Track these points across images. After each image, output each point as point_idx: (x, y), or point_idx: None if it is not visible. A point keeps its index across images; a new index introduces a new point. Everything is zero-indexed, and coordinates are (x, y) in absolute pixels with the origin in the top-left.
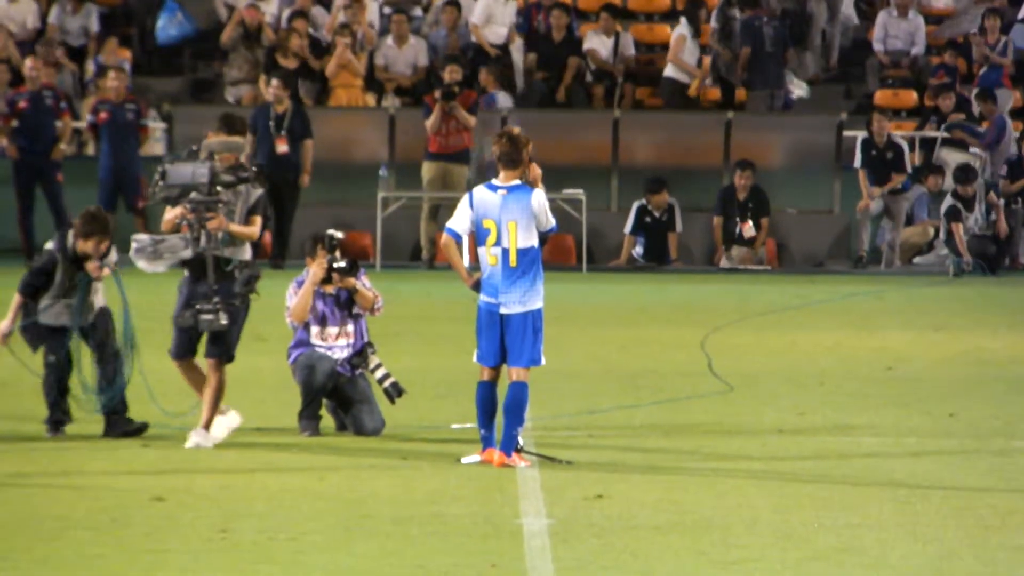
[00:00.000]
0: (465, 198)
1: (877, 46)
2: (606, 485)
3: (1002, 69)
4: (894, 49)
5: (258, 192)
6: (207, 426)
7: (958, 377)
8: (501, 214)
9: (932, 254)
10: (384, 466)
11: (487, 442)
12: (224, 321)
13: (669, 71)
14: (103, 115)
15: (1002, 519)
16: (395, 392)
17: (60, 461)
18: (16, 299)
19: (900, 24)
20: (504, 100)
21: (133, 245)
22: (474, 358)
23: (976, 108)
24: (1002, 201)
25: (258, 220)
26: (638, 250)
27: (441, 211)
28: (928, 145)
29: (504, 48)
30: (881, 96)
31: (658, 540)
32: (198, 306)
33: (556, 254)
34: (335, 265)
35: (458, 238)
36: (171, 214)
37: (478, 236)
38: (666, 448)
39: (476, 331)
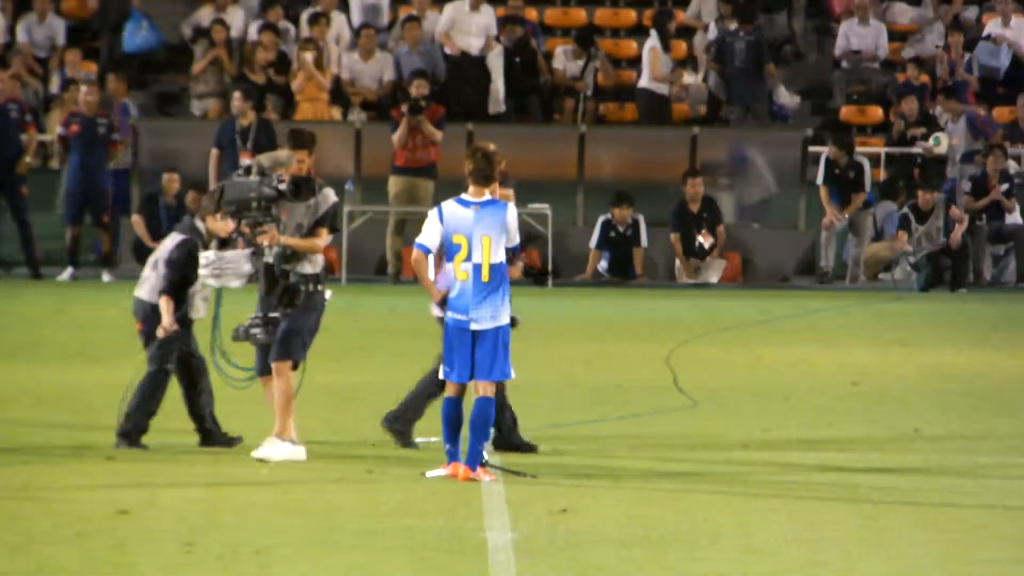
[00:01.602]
0: (434, 213)
1: (840, 53)
2: (571, 499)
3: (967, 86)
4: (858, 57)
5: (328, 204)
6: (280, 434)
7: (923, 392)
8: (474, 229)
9: (898, 269)
10: (350, 479)
11: (452, 456)
12: (262, 336)
13: (644, 83)
14: (74, 127)
15: (967, 533)
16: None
17: (22, 475)
18: (167, 302)
19: (862, 31)
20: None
21: (201, 261)
22: (439, 375)
23: (942, 115)
24: (966, 217)
25: (323, 232)
26: (603, 264)
27: (407, 225)
28: (895, 161)
29: (480, 59)
30: (847, 112)
31: (623, 554)
32: (249, 320)
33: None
34: None
35: (428, 252)
36: (219, 224)
37: (448, 251)
38: (631, 463)
39: (445, 348)
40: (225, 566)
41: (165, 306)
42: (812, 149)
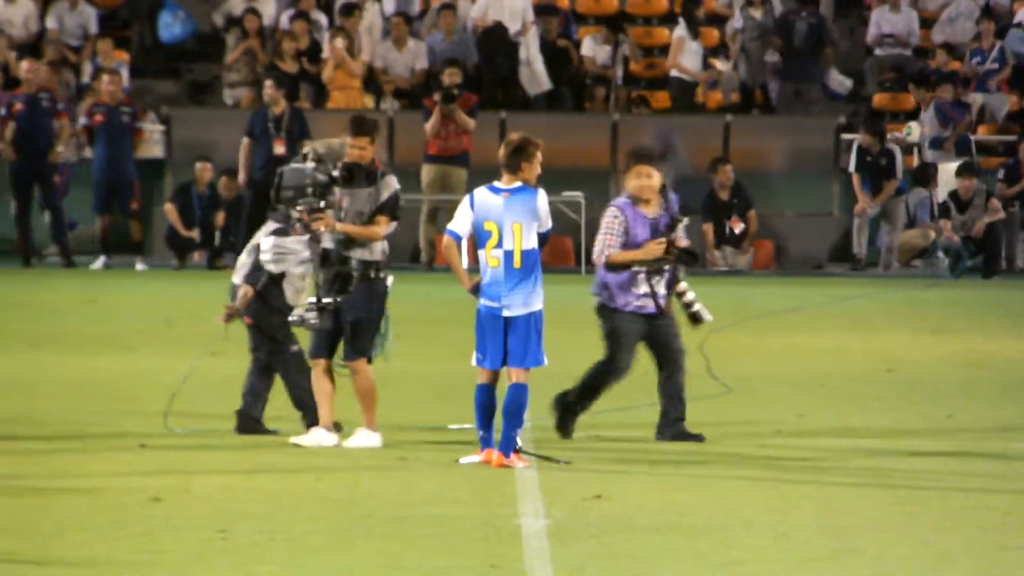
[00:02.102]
0: (465, 200)
1: (872, 40)
2: (605, 486)
3: (998, 73)
4: (890, 44)
5: (389, 192)
6: (369, 427)
7: (956, 379)
8: (504, 216)
9: (931, 256)
10: (383, 467)
11: (486, 443)
12: (316, 322)
13: (675, 71)
14: (98, 117)
15: (1001, 520)
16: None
17: (56, 463)
18: (246, 290)
19: (893, 18)
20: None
21: (261, 247)
22: (472, 361)
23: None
24: (1001, 208)
25: (383, 220)
26: None
27: (440, 214)
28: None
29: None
30: (879, 99)
31: (657, 541)
32: (304, 306)
33: (555, 256)
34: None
35: (459, 239)
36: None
37: (478, 238)
38: (665, 449)
39: (477, 335)
40: (258, 553)
41: (242, 293)
42: (844, 136)
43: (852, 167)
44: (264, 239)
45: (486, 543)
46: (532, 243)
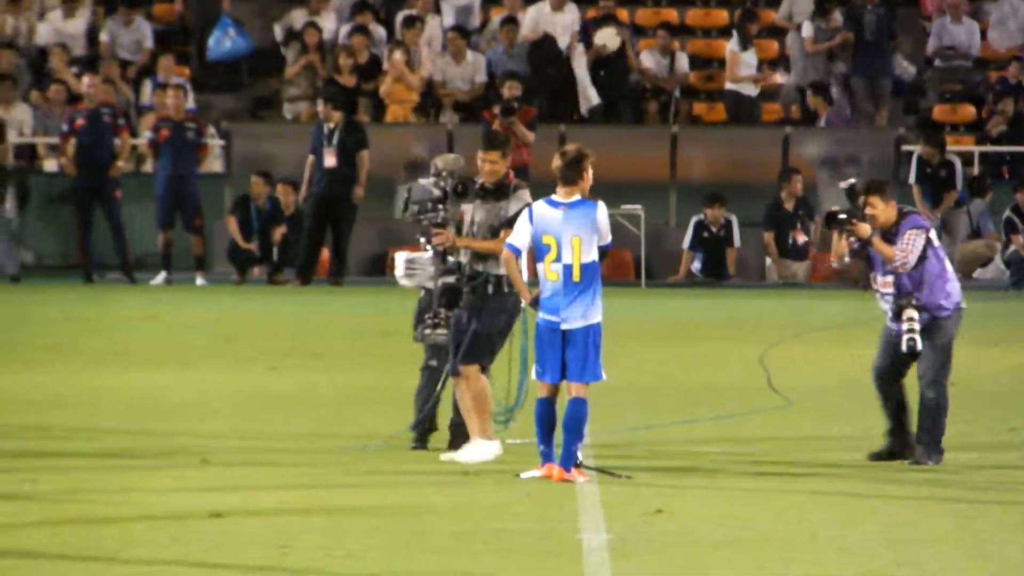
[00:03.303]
0: (525, 213)
1: (932, 51)
2: (665, 500)
3: None
4: (950, 56)
5: (518, 206)
6: (482, 435)
7: (1018, 391)
8: (563, 230)
9: (992, 267)
10: (444, 481)
11: (546, 457)
12: (434, 337)
13: (729, 84)
14: (164, 132)
15: None
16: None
17: (118, 479)
18: None
19: (954, 29)
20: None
21: (396, 262)
22: (532, 375)
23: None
24: None
25: (508, 233)
26: (696, 265)
27: None
28: (987, 159)
29: (565, 59)
30: (940, 111)
31: (717, 555)
32: (426, 319)
33: (615, 269)
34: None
35: (518, 253)
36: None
37: (538, 252)
38: (725, 463)
39: (536, 349)
40: (319, 569)
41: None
42: (904, 148)
43: (912, 179)
44: (398, 255)
45: (546, 557)
46: (592, 256)
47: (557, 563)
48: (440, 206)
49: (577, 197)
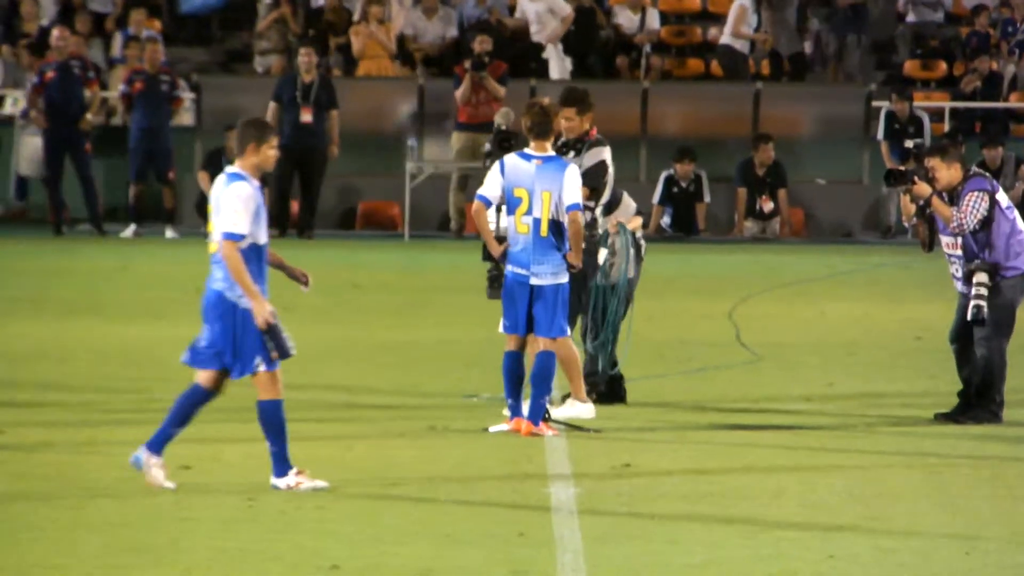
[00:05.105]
0: (496, 165)
1: (903, 5)
2: (634, 454)
3: None
4: (923, 4)
5: (590, 163)
6: (576, 396)
7: None
8: (535, 183)
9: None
10: (411, 435)
11: (514, 411)
12: (490, 293)
13: (726, 39)
14: (137, 85)
15: None
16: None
17: (86, 430)
18: None
19: None
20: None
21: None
22: (500, 328)
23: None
24: None
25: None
26: (666, 220)
27: (470, 181)
28: (958, 115)
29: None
30: (911, 67)
31: (685, 509)
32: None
33: None
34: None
35: (488, 204)
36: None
37: (508, 204)
38: (694, 418)
39: (504, 301)
40: (286, 521)
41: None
42: (875, 104)
43: (880, 134)
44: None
45: (515, 511)
46: (561, 214)
47: (525, 516)
48: (493, 159)
49: (550, 152)
